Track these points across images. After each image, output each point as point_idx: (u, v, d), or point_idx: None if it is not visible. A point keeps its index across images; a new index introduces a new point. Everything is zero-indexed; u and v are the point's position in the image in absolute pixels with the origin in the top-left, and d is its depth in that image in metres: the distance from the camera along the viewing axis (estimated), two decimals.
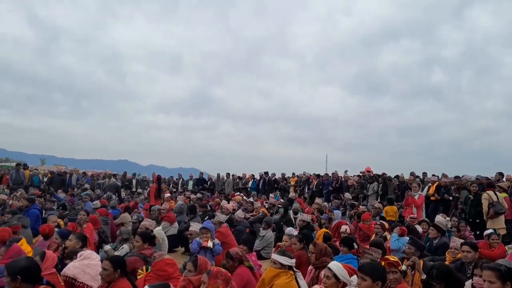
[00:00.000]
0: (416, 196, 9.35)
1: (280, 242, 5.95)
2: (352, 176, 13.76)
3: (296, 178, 15.02)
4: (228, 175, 16.11)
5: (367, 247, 4.86)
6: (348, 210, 10.42)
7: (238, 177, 16.10)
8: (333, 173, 13.83)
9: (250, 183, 15.37)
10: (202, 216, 9.16)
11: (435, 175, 11.49)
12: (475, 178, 10.48)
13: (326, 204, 10.70)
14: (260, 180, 15.16)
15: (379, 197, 11.86)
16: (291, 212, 9.47)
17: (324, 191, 13.06)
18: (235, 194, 13.72)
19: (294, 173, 15.59)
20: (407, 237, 5.77)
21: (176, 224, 8.08)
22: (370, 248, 4.58)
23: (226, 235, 6.43)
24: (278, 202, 10.69)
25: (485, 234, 6.01)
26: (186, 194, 13.35)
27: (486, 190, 8.02)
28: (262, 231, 7.56)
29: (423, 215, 9.26)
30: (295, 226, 8.01)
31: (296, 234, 5.93)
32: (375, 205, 9.78)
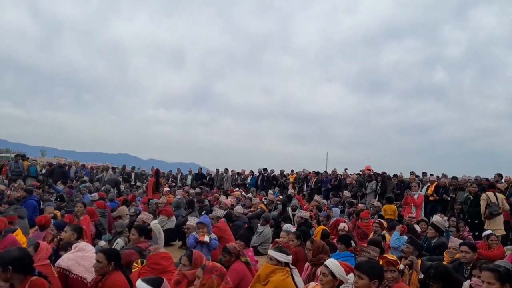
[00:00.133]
0: (416, 196, 9.32)
1: (278, 238, 5.93)
2: (351, 174, 13.74)
3: (295, 175, 15.00)
4: (227, 170, 16.09)
5: (365, 245, 4.83)
6: (347, 208, 10.39)
7: (237, 173, 16.08)
8: (332, 171, 13.80)
9: (249, 179, 15.36)
10: (199, 211, 9.14)
11: (432, 175, 11.50)
12: (474, 178, 10.46)
13: (325, 202, 10.68)
14: (259, 177, 15.13)
15: (378, 196, 11.85)
16: (289, 208, 9.46)
17: (322, 189, 13.04)
18: (234, 189, 13.70)
19: (293, 170, 15.57)
20: (405, 236, 5.74)
21: (173, 218, 8.06)
22: (368, 246, 4.54)
23: (223, 230, 6.40)
24: (277, 199, 10.65)
25: (484, 234, 5.98)
26: (185, 189, 13.33)
27: (486, 191, 7.98)
28: (260, 227, 7.54)
29: (422, 215, 9.24)
30: (293, 223, 7.99)
31: (294, 230, 5.90)
32: (374, 203, 9.76)
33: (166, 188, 12.52)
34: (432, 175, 11.62)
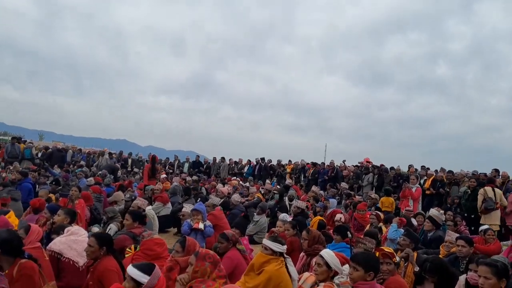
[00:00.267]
0: (414, 189, 9.29)
1: (274, 227, 5.90)
2: (349, 166, 13.71)
3: (292, 165, 14.96)
4: (223, 159, 16.03)
5: (361, 236, 4.79)
6: (344, 199, 10.39)
7: (235, 162, 16.02)
8: (330, 162, 13.76)
9: (246, 169, 15.31)
10: (195, 198, 9.11)
11: (428, 168, 11.48)
12: (472, 173, 10.44)
13: (322, 193, 10.67)
14: (256, 166, 15.08)
15: (374, 188, 11.84)
16: (286, 198, 9.44)
17: (319, 180, 13.02)
18: (231, 178, 13.67)
19: (290, 160, 15.53)
20: (402, 229, 5.72)
21: (169, 204, 8.03)
22: (364, 237, 4.51)
23: (219, 218, 6.37)
24: (274, 188, 10.62)
25: (480, 229, 5.96)
26: (182, 176, 13.30)
27: (485, 186, 7.95)
28: (256, 216, 7.51)
29: (419, 208, 9.23)
30: (290, 213, 7.97)
31: (290, 220, 5.87)
32: (371, 195, 9.75)
33: (163, 175, 12.47)
34: (429, 169, 11.61)
